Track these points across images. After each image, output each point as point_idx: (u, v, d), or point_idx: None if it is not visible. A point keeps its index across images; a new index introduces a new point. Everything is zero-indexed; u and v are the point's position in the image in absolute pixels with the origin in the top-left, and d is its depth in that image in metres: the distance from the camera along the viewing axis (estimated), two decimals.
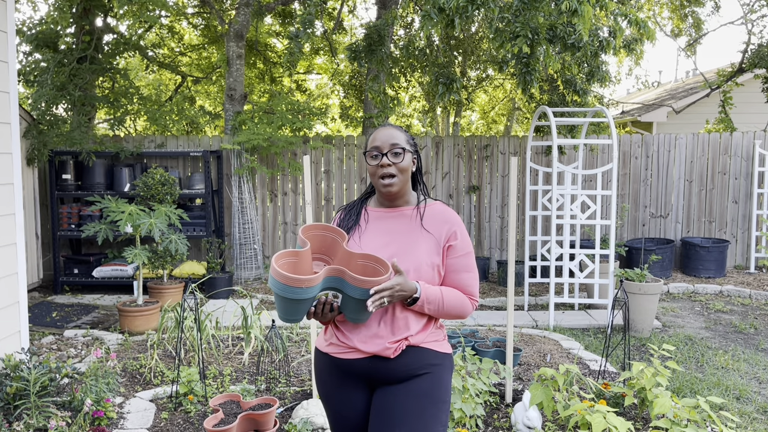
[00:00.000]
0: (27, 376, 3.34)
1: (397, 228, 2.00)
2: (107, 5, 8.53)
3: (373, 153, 1.95)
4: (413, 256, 1.93)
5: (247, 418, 3.25)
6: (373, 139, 1.98)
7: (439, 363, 1.97)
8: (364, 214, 2.06)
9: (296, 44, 6.69)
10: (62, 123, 7.23)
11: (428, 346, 1.96)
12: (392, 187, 1.95)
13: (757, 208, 8.10)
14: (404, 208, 2.03)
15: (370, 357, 1.92)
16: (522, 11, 5.67)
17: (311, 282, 1.70)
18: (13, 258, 4.08)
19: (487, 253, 8.27)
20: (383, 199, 2.04)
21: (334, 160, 8.13)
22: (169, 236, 5.76)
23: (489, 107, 17.44)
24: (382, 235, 1.99)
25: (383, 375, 1.93)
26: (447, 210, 2.04)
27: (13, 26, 4.09)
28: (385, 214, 2.03)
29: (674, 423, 3.04)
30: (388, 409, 1.91)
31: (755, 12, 10.09)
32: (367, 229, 2.02)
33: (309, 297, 1.74)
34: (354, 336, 1.93)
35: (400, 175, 1.95)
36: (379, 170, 1.94)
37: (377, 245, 1.96)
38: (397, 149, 1.94)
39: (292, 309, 1.75)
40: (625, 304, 4.25)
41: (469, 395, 3.35)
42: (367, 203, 2.10)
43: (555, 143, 5.79)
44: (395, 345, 1.90)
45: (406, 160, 1.96)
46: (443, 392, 1.96)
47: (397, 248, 1.95)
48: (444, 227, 1.99)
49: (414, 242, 1.96)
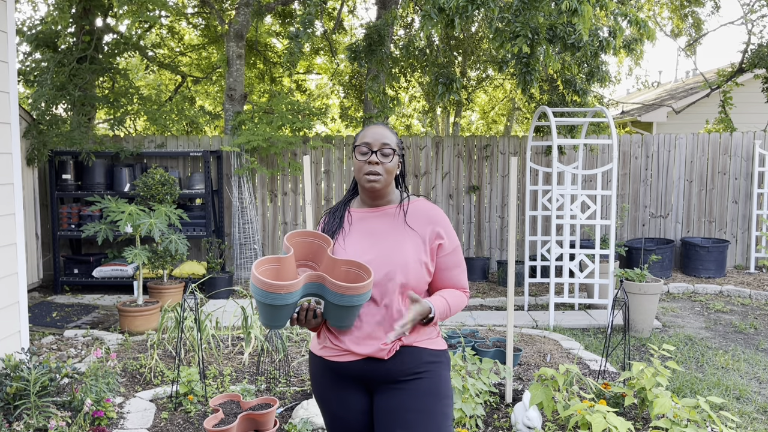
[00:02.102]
0: (27, 376, 3.34)
1: (381, 228, 1.99)
2: (107, 5, 8.53)
3: (363, 149, 1.95)
4: (399, 256, 1.92)
5: (247, 418, 3.25)
6: (363, 135, 1.97)
7: (436, 360, 1.97)
8: (348, 216, 2.04)
9: (296, 44, 6.69)
10: (62, 123, 7.22)
11: (423, 345, 1.96)
12: (376, 183, 1.95)
13: (757, 208, 8.10)
14: (387, 207, 2.03)
15: (364, 359, 1.92)
16: (522, 11, 5.67)
17: (290, 288, 1.69)
18: (13, 258, 4.08)
19: (487, 253, 8.27)
20: (366, 197, 2.03)
21: (334, 160, 8.13)
22: (169, 236, 5.76)
23: (489, 107, 17.44)
24: (366, 236, 1.98)
25: (379, 376, 1.93)
26: (430, 207, 2.04)
27: (13, 26, 4.09)
28: (368, 214, 2.02)
29: (674, 423, 3.04)
30: (395, 412, 1.90)
31: (755, 12, 10.10)
32: (350, 231, 2.01)
33: (289, 303, 1.72)
34: (347, 338, 1.92)
35: (386, 175, 1.95)
36: (366, 166, 1.94)
37: (362, 248, 1.95)
38: (387, 150, 1.94)
39: (273, 315, 1.74)
40: (625, 304, 4.25)
41: (469, 395, 3.35)
42: (349, 205, 2.09)
43: (555, 143, 5.79)
44: (389, 346, 1.90)
45: (394, 162, 1.96)
46: (445, 388, 1.96)
47: (383, 249, 1.94)
48: (428, 228, 1.98)
49: (399, 241, 1.95)
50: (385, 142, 1.95)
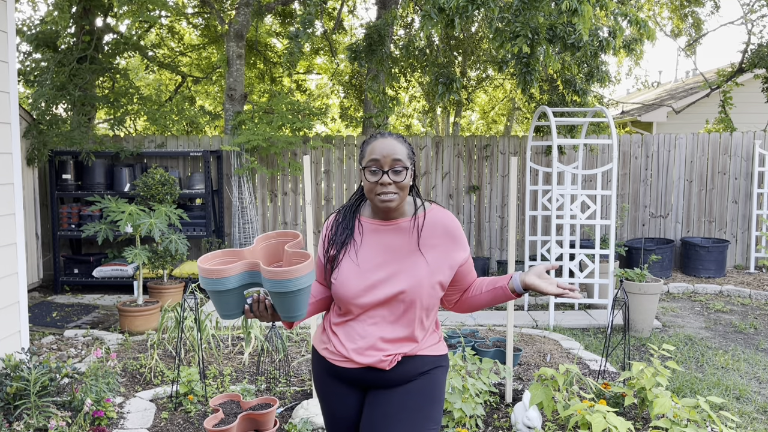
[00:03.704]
0: (27, 376, 3.34)
1: (395, 244, 1.89)
2: (107, 5, 8.53)
3: (372, 168, 1.81)
4: (412, 276, 1.85)
5: (247, 418, 3.25)
6: (371, 151, 1.83)
7: (436, 365, 1.96)
8: (358, 226, 1.92)
9: (296, 44, 6.70)
10: (62, 123, 7.22)
11: (425, 353, 1.93)
12: (391, 203, 1.82)
13: (757, 208, 8.10)
14: (400, 220, 1.91)
15: (365, 368, 1.89)
16: (522, 11, 5.67)
17: (222, 273, 1.71)
18: (13, 258, 4.08)
19: (487, 253, 8.27)
20: (379, 211, 1.92)
21: (334, 160, 8.13)
22: (169, 236, 5.76)
23: (489, 107, 17.44)
24: (380, 252, 1.89)
25: (378, 383, 1.93)
26: (448, 219, 1.93)
27: (13, 26, 4.09)
28: (380, 227, 1.91)
29: (674, 423, 3.04)
30: (382, 405, 1.89)
31: (755, 12, 10.10)
32: (363, 243, 1.90)
33: (228, 289, 1.74)
34: (350, 345, 1.88)
35: (401, 192, 1.83)
36: (377, 187, 1.81)
37: (375, 264, 1.87)
38: (399, 167, 1.80)
39: (219, 302, 1.77)
40: (625, 304, 4.25)
41: (469, 395, 3.35)
42: (359, 212, 1.97)
43: (555, 143, 5.79)
44: (390, 357, 1.87)
45: (407, 179, 1.83)
46: (438, 391, 1.95)
47: (396, 268, 1.86)
48: (450, 246, 1.90)
49: (414, 261, 1.87)
50: (396, 158, 1.80)
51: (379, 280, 1.85)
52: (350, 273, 1.87)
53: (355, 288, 1.85)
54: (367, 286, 1.85)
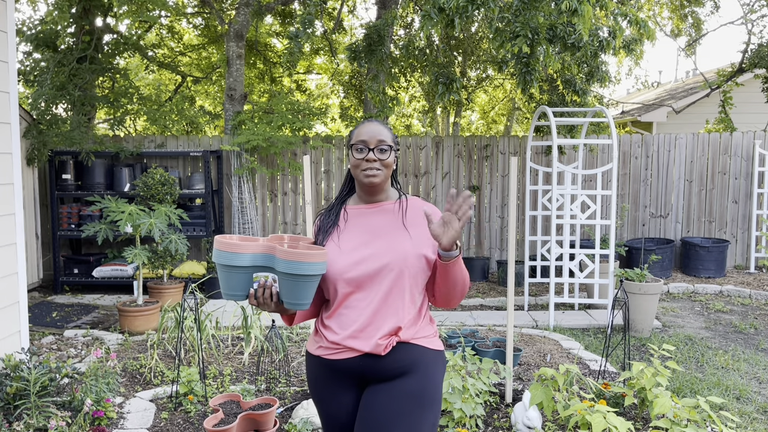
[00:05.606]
0: (27, 376, 3.34)
1: (380, 224, 1.98)
2: (107, 5, 8.52)
3: (359, 146, 1.97)
4: (398, 249, 1.91)
5: (247, 418, 3.25)
6: (358, 133, 1.99)
7: (431, 361, 1.96)
8: (343, 213, 2.04)
9: (296, 44, 6.69)
10: (62, 123, 7.22)
11: (419, 343, 1.95)
12: (375, 178, 1.95)
13: (757, 208, 8.10)
14: (385, 202, 2.03)
15: (361, 355, 1.91)
16: (522, 11, 5.67)
17: (239, 248, 1.77)
18: (13, 258, 4.08)
19: (487, 253, 8.27)
20: (364, 193, 2.03)
21: (334, 160, 8.13)
22: (169, 236, 5.76)
23: (489, 107, 17.44)
24: (364, 232, 1.97)
25: (374, 372, 1.92)
26: (428, 206, 2.03)
27: (13, 26, 4.09)
28: (365, 211, 2.02)
29: (674, 423, 3.04)
30: (372, 410, 1.89)
31: (755, 12, 10.10)
32: (346, 228, 2.00)
33: (241, 266, 1.78)
34: (343, 332, 1.91)
35: (384, 170, 1.97)
36: (363, 164, 1.96)
37: (357, 243, 1.94)
38: (384, 146, 1.95)
39: (228, 280, 1.81)
40: (625, 304, 4.25)
41: (469, 395, 3.35)
42: (346, 203, 2.09)
43: (555, 143, 5.79)
44: (386, 341, 1.89)
45: (391, 158, 1.98)
46: (433, 392, 1.94)
47: (381, 244, 1.93)
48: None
49: (398, 236, 1.95)
50: (381, 139, 1.95)
51: (364, 257, 1.92)
52: (333, 255, 1.94)
53: (342, 263, 1.92)
54: (353, 262, 1.92)
